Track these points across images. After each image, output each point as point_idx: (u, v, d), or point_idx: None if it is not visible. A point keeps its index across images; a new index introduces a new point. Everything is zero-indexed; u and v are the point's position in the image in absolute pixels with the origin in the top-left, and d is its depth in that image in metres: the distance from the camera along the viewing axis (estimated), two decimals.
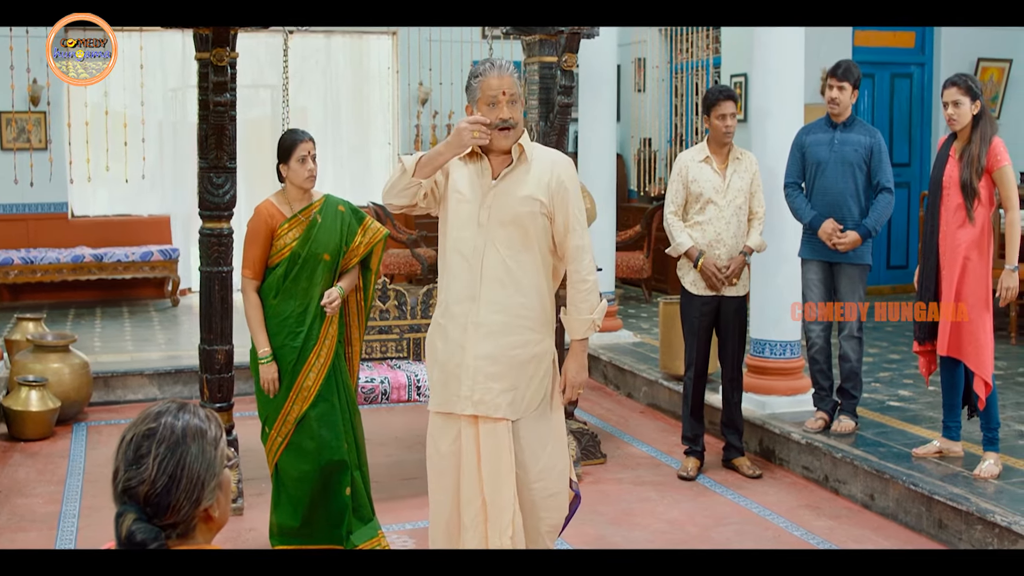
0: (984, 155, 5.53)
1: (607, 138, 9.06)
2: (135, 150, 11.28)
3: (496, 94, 3.88)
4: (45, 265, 10.89)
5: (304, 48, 12.46)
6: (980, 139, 5.55)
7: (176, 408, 2.15)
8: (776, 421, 6.64)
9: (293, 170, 4.85)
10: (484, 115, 3.88)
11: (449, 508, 4.05)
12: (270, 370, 4.81)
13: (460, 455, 3.97)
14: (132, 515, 2.04)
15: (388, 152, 13.10)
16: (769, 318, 6.73)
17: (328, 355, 4.89)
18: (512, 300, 3.93)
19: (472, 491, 3.95)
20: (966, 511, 5.19)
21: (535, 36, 6.28)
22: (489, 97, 3.89)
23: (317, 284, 4.85)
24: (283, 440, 4.86)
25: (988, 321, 5.57)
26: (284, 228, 4.84)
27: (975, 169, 5.53)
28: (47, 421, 7.15)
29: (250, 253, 4.85)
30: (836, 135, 6.31)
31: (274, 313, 4.84)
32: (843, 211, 6.25)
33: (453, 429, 3.99)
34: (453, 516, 4.05)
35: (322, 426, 4.85)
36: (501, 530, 3.91)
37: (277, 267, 4.85)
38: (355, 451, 4.98)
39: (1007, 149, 5.58)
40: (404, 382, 6.04)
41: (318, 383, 4.85)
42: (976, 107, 5.57)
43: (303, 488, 4.85)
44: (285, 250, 4.83)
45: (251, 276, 4.86)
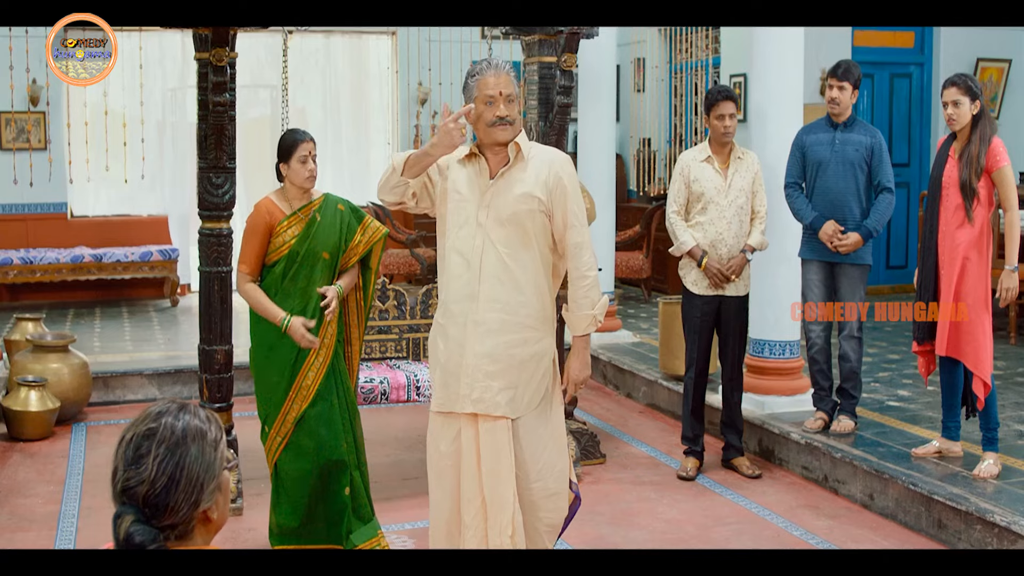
0: (983, 155, 5.53)
1: (606, 138, 9.06)
2: (134, 150, 11.28)
3: (493, 93, 3.89)
4: (44, 265, 10.88)
5: (303, 48, 12.46)
6: (980, 139, 5.55)
7: (177, 408, 2.14)
8: (775, 421, 6.64)
9: (294, 170, 4.85)
10: (482, 114, 3.90)
11: (449, 508, 4.06)
12: (297, 326, 4.77)
13: (460, 454, 3.99)
14: (131, 516, 2.04)
15: (387, 152, 13.10)
16: (768, 318, 6.73)
17: (327, 354, 4.89)
18: (511, 298, 3.94)
19: (472, 490, 3.96)
20: (965, 511, 5.20)
21: (534, 36, 6.27)
22: (486, 96, 3.90)
23: (316, 283, 4.85)
24: (283, 440, 4.86)
25: (987, 322, 5.57)
26: (283, 225, 4.84)
27: (974, 170, 5.53)
28: (46, 421, 7.15)
29: (248, 249, 4.85)
30: (837, 135, 6.31)
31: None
32: (844, 211, 6.25)
33: (453, 428, 4.00)
34: (454, 516, 4.06)
35: (321, 425, 4.85)
36: (501, 529, 3.94)
37: (276, 265, 4.85)
38: (354, 451, 4.98)
39: (1006, 149, 5.58)
40: (403, 382, 6.04)
41: (317, 382, 4.85)
42: (976, 107, 5.57)
43: (302, 488, 4.85)
44: (284, 248, 4.83)
45: (248, 272, 4.85)
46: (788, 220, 6.51)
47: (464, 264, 3.98)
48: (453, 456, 4.01)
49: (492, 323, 3.93)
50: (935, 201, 5.73)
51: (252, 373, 5.01)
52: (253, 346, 4.95)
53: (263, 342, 4.90)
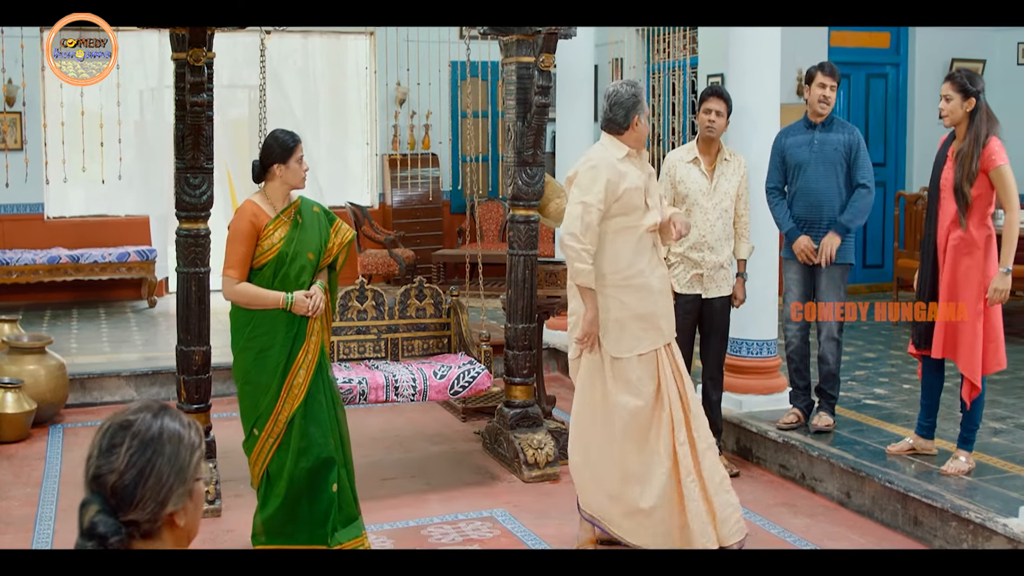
0: (977, 158, 5.45)
1: (585, 138, 9.07)
2: (111, 150, 11.21)
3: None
4: (21, 266, 10.82)
5: (281, 48, 12.43)
6: (973, 140, 5.48)
7: (159, 408, 2.16)
8: (753, 420, 6.67)
9: (292, 170, 4.89)
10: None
11: (655, 446, 4.86)
12: (302, 299, 4.84)
13: (664, 385, 4.87)
14: (96, 507, 2.04)
15: (366, 152, 13.09)
16: (746, 317, 6.74)
17: (315, 352, 4.93)
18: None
19: (679, 413, 4.88)
20: (941, 508, 5.23)
21: (512, 36, 6.28)
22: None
23: (304, 283, 4.90)
24: (274, 441, 4.87)
25: (982, 325, 5.50)
26: (270, 228, 4.86)
27: (966, 173, 5.46)
28: (23, 423, 7.11)
29: (235, 252, 4.85)
30: (816, 135, 6.33)
31: (265, 313, 4.85)
32: (824, 211, 6.27)
33: (653, 365, 4.89)
34: (658, 452, 4.85)
35: (311, 423, 4.88)
36: (702, 435, 4.93)
37: (264, 268, 4.86)
38: (341, 448, 5.00)
39: (1004, 148, 5.46)
40: (382, 382, 6.03)
41: (307, 380, 4.89)
42: (969, 104, 5.50)
43: (293, 486, 4.87)
44: (272, 250, 4.85)
45: (236, 276, 4.85)
46: (764, 220, 6.54)
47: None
48: (654, 390, 4.86)
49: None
50: (934, 203, 5.69)
51: (238, 379, 4.98)
52: (240, 351, 4.93)
53: (252, 346, 4.89)
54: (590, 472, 4.94)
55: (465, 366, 6.29)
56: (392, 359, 6.54)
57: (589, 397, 4.93)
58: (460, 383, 6.21)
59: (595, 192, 4.78)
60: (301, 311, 4.83)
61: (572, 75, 8.95)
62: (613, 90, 4.97)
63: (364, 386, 5.96)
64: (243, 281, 4.86)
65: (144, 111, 11.88)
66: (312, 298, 4.86)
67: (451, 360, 6.45)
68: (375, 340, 6.53)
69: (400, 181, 12.69)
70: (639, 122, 4.91)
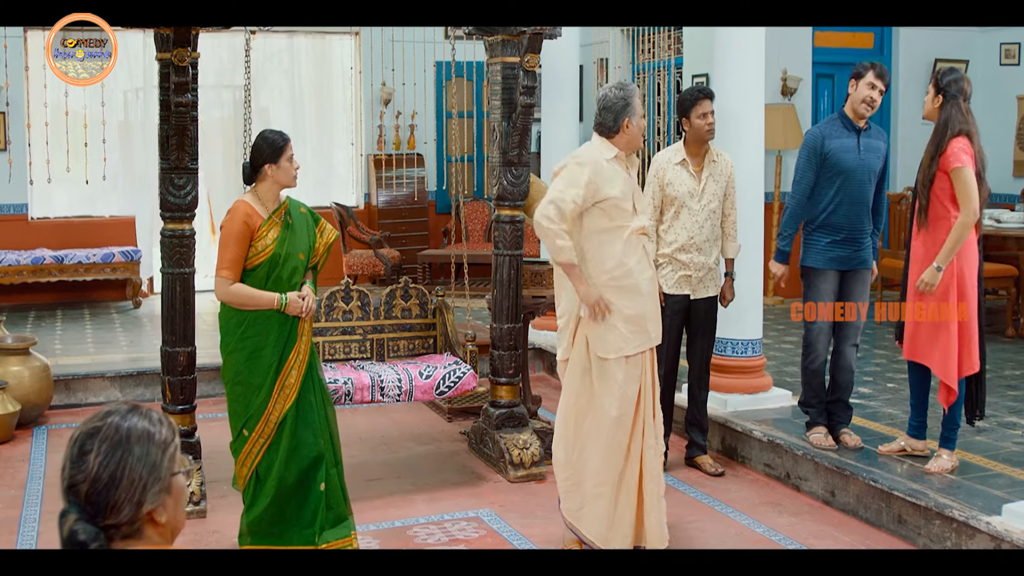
0: (937, 158, 5.48)
1: (570, 138, 9.08)
2: (95, 151, 11.17)
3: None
4: (4, 267, 10.77)
5: (266, 48, 12.41)
6: (935, 140, 5.53)
7: (127, 409, 2.15)
8: (738, 419, 6.68)
9: (283, 169, 4.90)
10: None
11: (623, 447, 4.89)
12: (295, 300, 4.86)
13: (645, 386, 4.92)
14: (74, 515, 2.05)
15: (351, 152, 13.08)
16: (731, 317, 6.76)
17: (306, 351, 4.95)
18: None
19: (648, 412, 4.93)
20: (924, 506, 5.26)
21: (497, 36, 6.29)
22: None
23: (296, 284, 4.92)
24: (265, 441, 4.87)
25: (955, 327, 5.50)
26: (263, 229, 4.86)
27: (924, 174, 5.53)
28: (7, 425, 7.08)
29: (228, 254, 4.84)
30: (861, 140, 6.03)
31: (257, 314, 4.85)
32: (864, 220, 6.06)
33: (640, 366, 4.91)
34: (624, 451, 4.89)
35: (301, 423, 4.90)
36: (659, 435, 5.02)
37: (257, 269, 4.86)
38: (331, 447, 4.99)
39: (966, 149, 5.45)
40: (367, 383, 6.03)
41: (299, 379, 4.89)
42: (938, 101, 5.55)
43: (282, 487, 4.87)
44: (266, 251, 4.85)
45: (230, 277, 4.83)
46: (751, 219, 6.54)
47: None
48: (636, 393, 4.88)
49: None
50: (913, 202, 5.72)
51: (228, 380, 4.96)
52: (231, 352, 4.91)
53: (245, 347, 4.88)
54: (571, 471, 4.96)
55: (451, 366, 6.29)
56: (378, 359, 6.54)
57: (575, 398, 4.94)
58: (446, 383, 6.21)
59: (575, 189, 4.80)
60: (294, 312, 4.84)
61: (557, 75, 8.96)
62: (603, 94, 4.99)
63: (350, 386, 5.95)
64: (237, 282, 4.85)
65: (128, 111, 11.86)
66: (305, 299, 4.87)
67: (437, 360, 6.45)
68: (360, 340, 6.52)
69: (385, 181, 12.68)
70: (629, 125, 4.90)
